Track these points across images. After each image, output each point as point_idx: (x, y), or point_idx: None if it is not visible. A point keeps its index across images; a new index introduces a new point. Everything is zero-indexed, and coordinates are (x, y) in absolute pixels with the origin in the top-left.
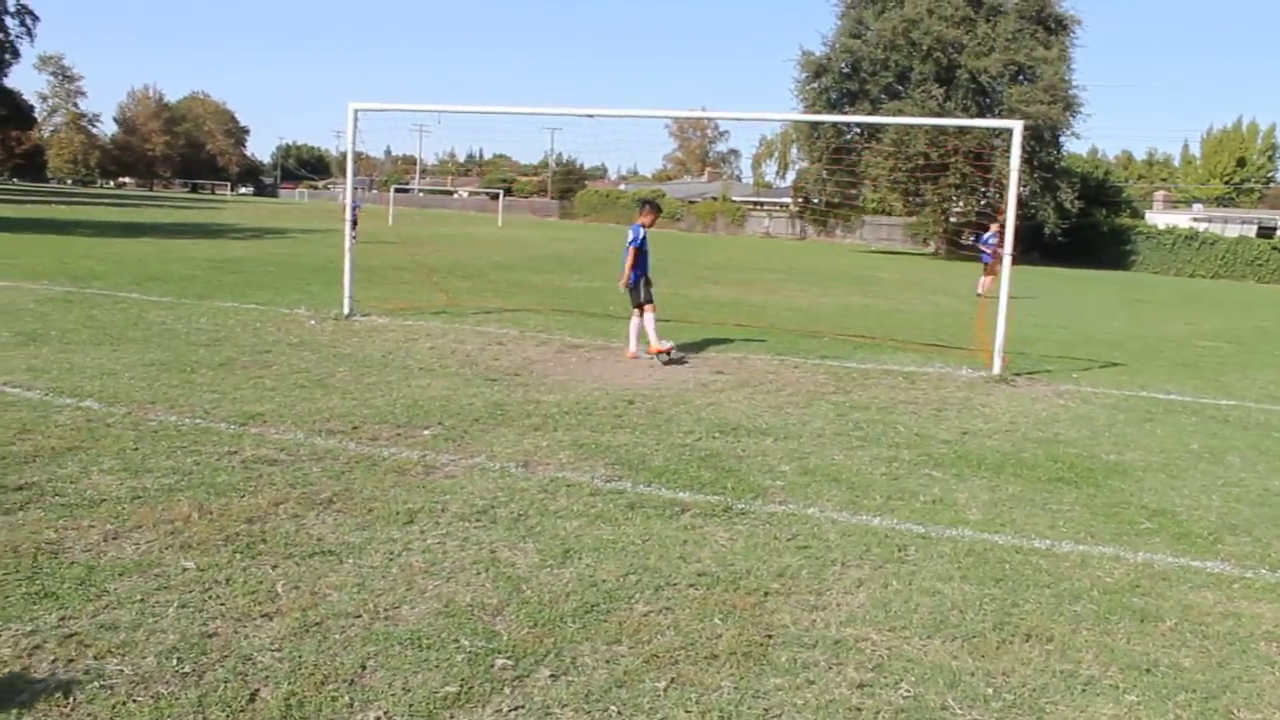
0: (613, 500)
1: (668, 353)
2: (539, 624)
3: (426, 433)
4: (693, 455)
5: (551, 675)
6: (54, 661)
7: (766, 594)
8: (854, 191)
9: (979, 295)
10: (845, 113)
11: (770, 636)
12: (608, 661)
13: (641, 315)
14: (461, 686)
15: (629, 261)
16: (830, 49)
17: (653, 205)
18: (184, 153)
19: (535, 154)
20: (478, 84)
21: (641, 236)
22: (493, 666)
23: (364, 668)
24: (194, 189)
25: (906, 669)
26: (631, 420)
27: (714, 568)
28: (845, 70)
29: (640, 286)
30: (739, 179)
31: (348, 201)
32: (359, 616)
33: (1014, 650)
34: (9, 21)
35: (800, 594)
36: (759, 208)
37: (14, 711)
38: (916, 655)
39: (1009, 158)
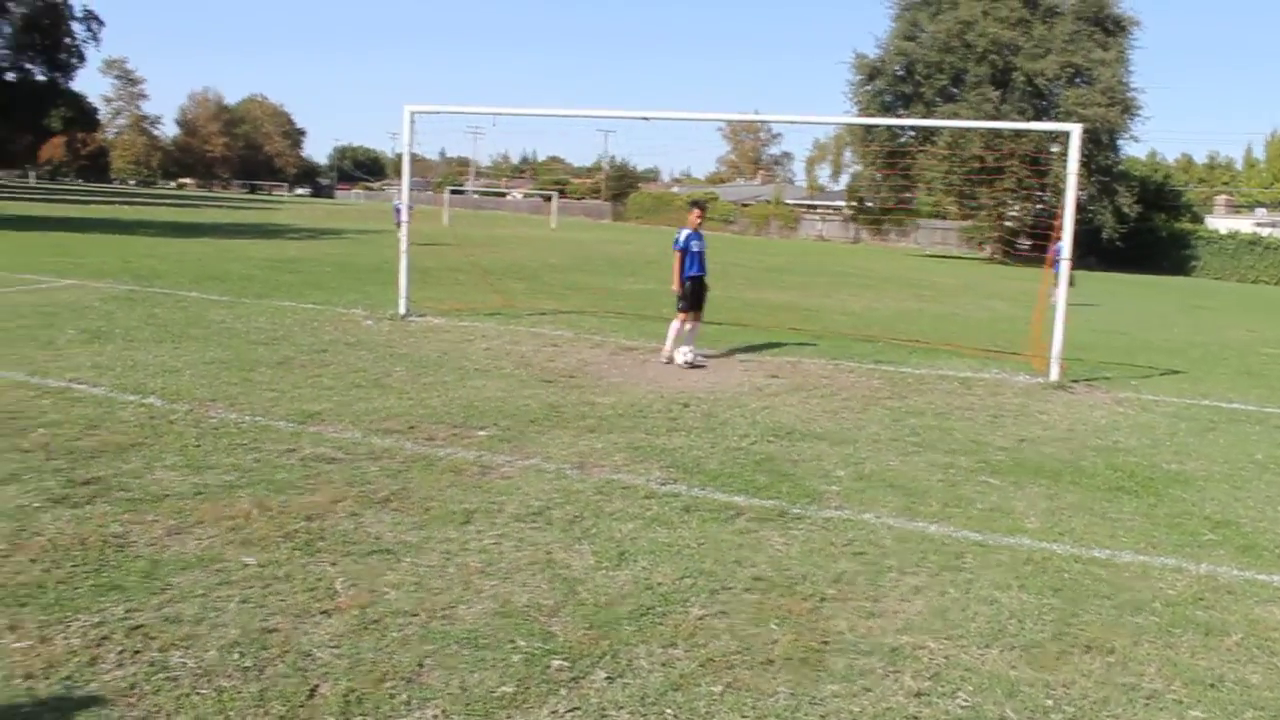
0: (668, 503)
1: (671, 360)
2: (595, 626)
3: (482, 433)
4: (748, 459)
5: (607, 677)
6: (121, 652)
7: (822, 600)
8: (908, 195)
9: (1052, 304)
10: (899, 116)
11: (826, 643)
12: (663, 665)
13: (681, 319)
14: (518, 687)
15: (676, 265)
16: (884, 51)
17: (694, 204)
18: (242, 154)
19: (588, 156)
20: (530, 86)
21: (684, 238)
22: (549, 667)
23: (421, 666)
24: (252, 190)
25: (964, 678)
26: (686, 423)
27: (770, 572)
28: (899, 73)
29: (686, 292)
30: (792, 182)
31: (402, 203)
32: (416, 615)
33: (1074, 662)
34: (76, 27)
35: (856, 600)
36: (812, 211)
37: (84, 700)
38: (974, 664)
39: (1066, 161)
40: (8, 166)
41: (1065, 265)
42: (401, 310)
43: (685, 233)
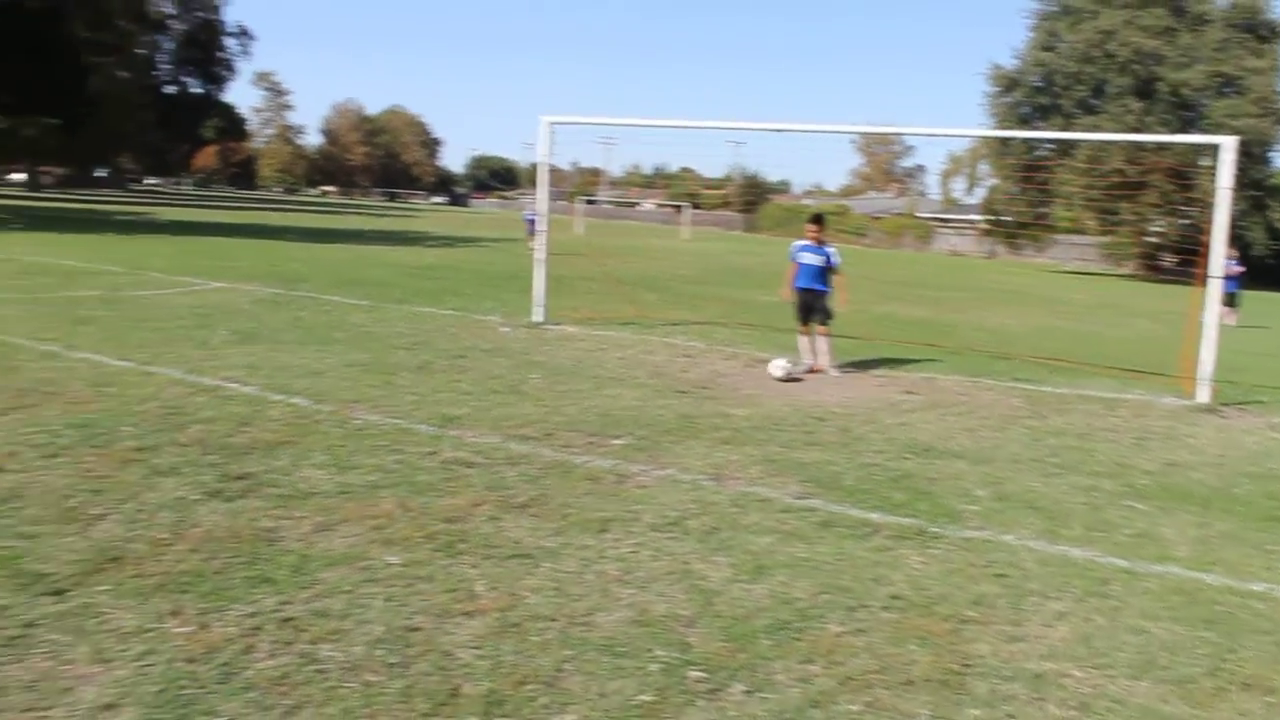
0: (804, 518)
1: (785, 377)
2: (732, 638)
3: (618, 442)
4: (884, 475)
5: (746, 691)
6: (273, 643)
7: (963, 621)
8: (1045, 209)
9: (1222, 324)
10: (1037, 128)
11: (968, 666)
12: (801, 681)
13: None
14: (657, 696)
15: (788, 275)
16: (1022, 62)
17: (811, 218)
18: (382, 163)
19: (720, 168)
20: (661, 98)
21: (795, 250)
22: (687, 678)
23: (561, 671)
24: (391, 197)
25: (1112, 710)
26: (822, 438)
27: (908, 591)
28: (1037, 84)
29: (797, 303)
30: (925, 195)
31: (537, 213)
32: (555, 620)
33: (1231, 699)
34: (229, 42)
35: (998, 624)
36: (946, 225)
37: (240, 686)
38: (1123, 696)
39: (1215, 175)
40: (165, 174)
41: (1220, 284)
42: (537, 318)
43: (798, 244)
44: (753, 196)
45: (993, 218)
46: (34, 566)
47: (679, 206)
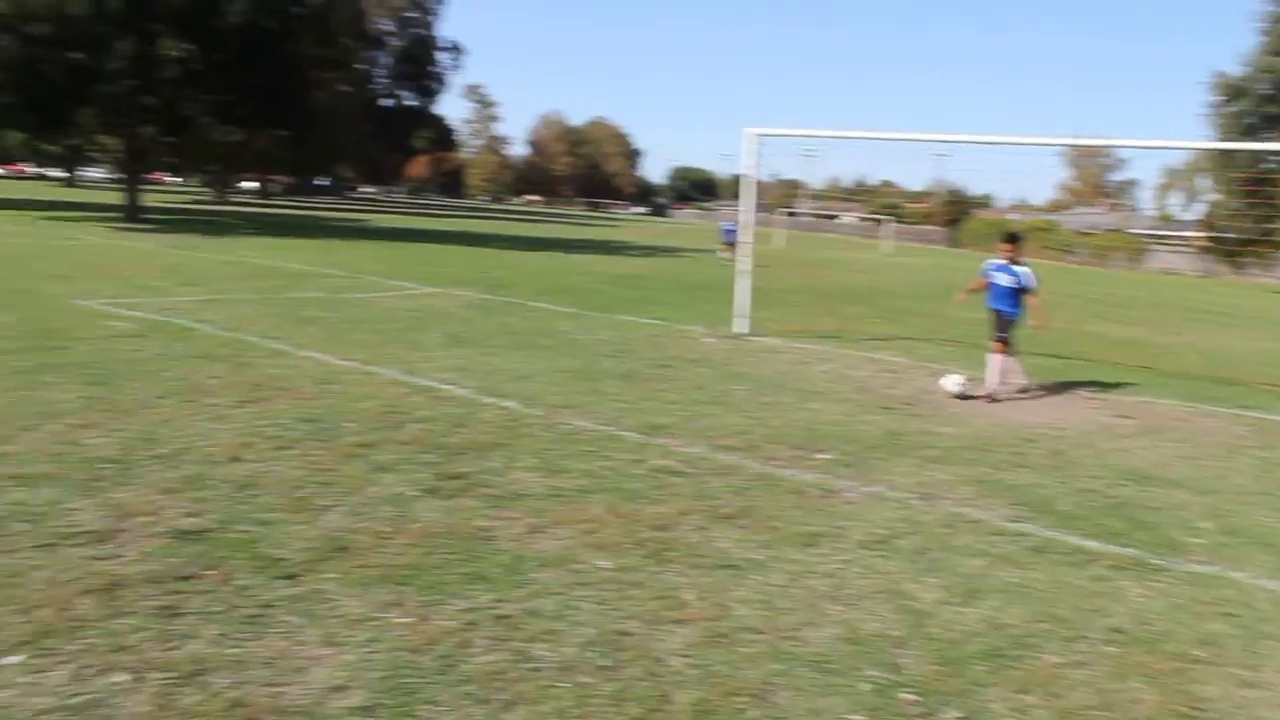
0: (1017, 542)
1: (962, 395)
2: (944, 662)
3: (823, 457)
4: (1100, 502)
5: (959, 717)
6: (489, 639)
7: (1190, 661)
8: (1273, 225)
9: None
10: (1264, 139)
11: (1197, 709)
12: (1018, 711)
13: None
14: (868, 716)
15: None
16: (1249, 69)
17: (1006, 237)
18: (585, 173)
19: (922, 180)
20: (859, 109)
21: (987, 267)
22: (898, 699)
23: (770, 684)
24: (593, 207)
25: None
26: (1033, 460)
27: (1130, 625)
28: (1266, 92)
29: (996, 322)
30: (1138, 210)
31: (737, 224)
32: (764, 633)
33: None
34: (441, 56)
35: (1229, 666)
36: (1160, 241)
37: (458, 678)
38: None
39: None
40: (379, 183)
41: None
42: (740, 329)
43: (991, 263)
44: (956, 210)
45: (1213, 234)
46: (269, 551)
47: (880, 219)
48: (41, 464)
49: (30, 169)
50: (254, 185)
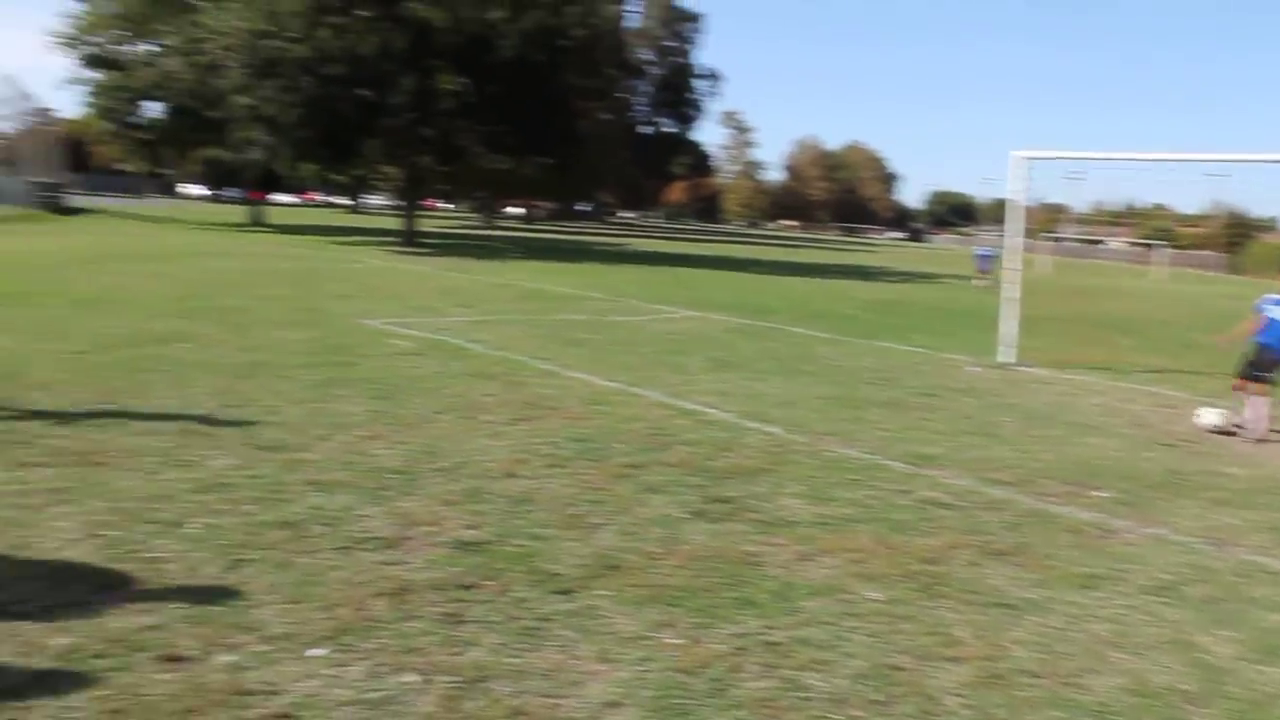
0: None
1: (1226, 430)
2: None
3: (1100, 494)
4: None
5: None
6: (759, 665)
7: None
8: None
9: None
10: None
11: None
12: None
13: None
14: None
15: (1246, 326)
16: None
17: None
18: (840, 198)
19: (1197, 203)
20: (1125, 129)
21: (1263, 302)
22: None
23: None
24: (849, 232)
25: None
26: None
27: None
28: None
29: (1252, 356)
30: None
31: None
32: (1042, 677)
33: None
34: (699, 83)
35: None
36: None
37: (728, 703)
38: None
39: None
40: (637, 208)
41: None
42: (1006, 358)
43: (1267, 297)
44: (1236, 234)
45: None
46: (545, 565)
47: (1151, 244)
48: (335, 471)
49: (318, 197)
50: (519, 210)
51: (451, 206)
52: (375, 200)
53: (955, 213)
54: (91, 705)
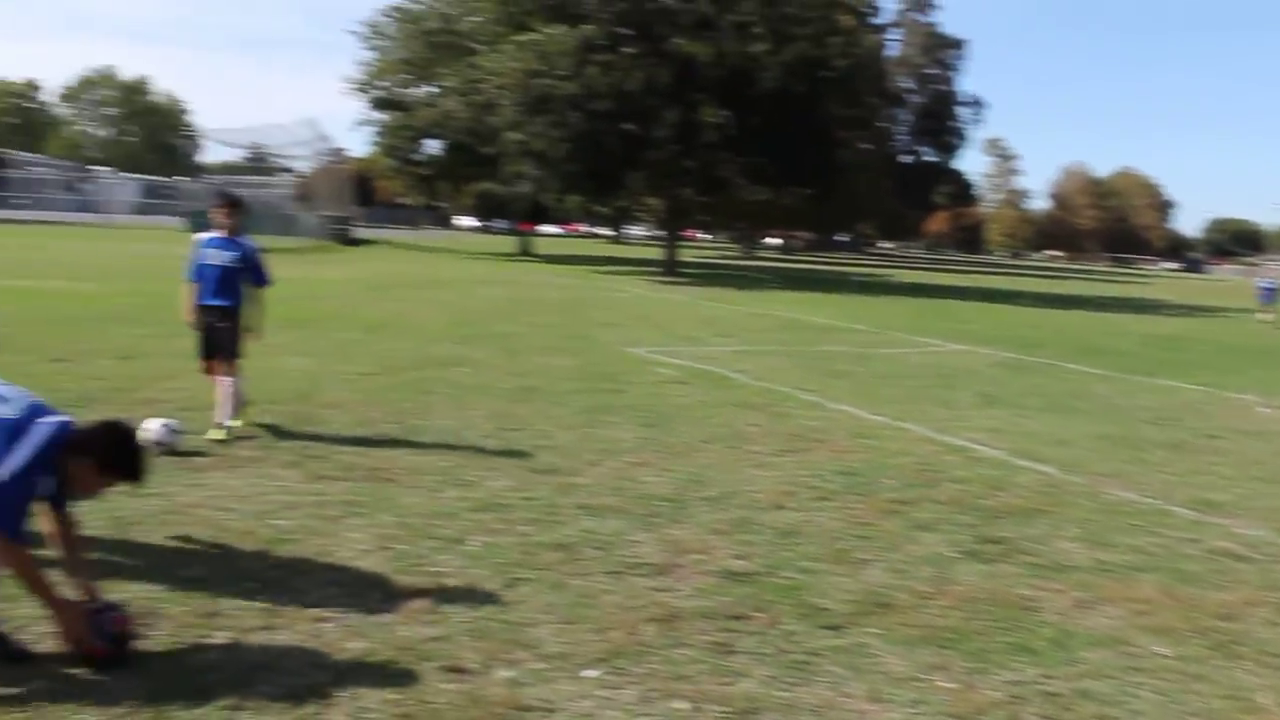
0: None
1: None
2: None
3: None
4: None
5: None
6: (1038, 716)
7: None
8: None
9: None
10: None
11: None
12: None
13: None
14: None
15: None
16: None
17: None
18: (1110, 226)
19: None
20: None
21: None
22: None
23: None
24: (1119, 262)
25: None
26: None
27: None
28: None
29: None
30: None
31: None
32: None
33: None
34: (961, 111)
35: None
36: None
37: None
38: None
39: None
40: (897, 238)
41: None
42: None
43: None
44: None
45: None
46: (813, 600)
47: None
48: (605, 496)
49: (582, 227)
50: (777, 241)
51: (710, 237)
52: (636, 231)
53: (1238, 240)
54: (384, 708)
